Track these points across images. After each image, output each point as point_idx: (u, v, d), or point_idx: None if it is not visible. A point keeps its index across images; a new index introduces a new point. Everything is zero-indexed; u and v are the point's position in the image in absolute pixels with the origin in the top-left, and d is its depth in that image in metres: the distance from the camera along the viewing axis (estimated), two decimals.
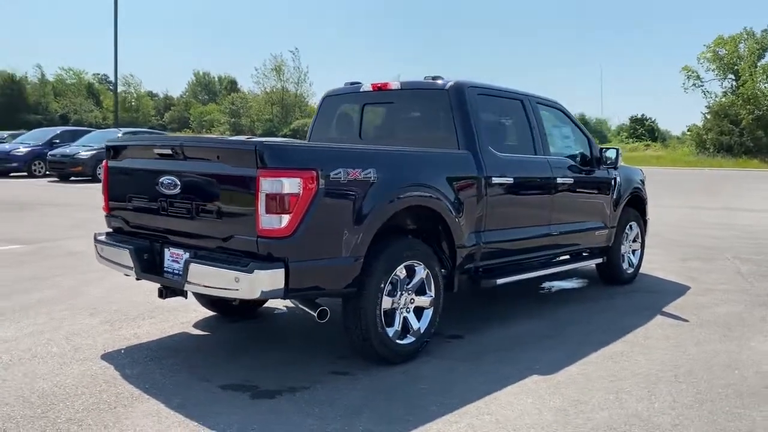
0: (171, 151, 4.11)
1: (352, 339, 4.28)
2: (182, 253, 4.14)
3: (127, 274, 4.50)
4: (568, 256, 6.44)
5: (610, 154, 6.41)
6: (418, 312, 4.54)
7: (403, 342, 4.40)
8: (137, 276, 4.35)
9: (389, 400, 3.79)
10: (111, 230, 4.80)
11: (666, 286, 7.05)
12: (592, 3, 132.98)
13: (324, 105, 6.10)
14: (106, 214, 4.81)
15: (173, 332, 5.04)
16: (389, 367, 4.30)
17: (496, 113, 5.64)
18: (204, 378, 4.07)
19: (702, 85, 53.49)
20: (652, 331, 5.30)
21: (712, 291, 6.80)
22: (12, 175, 22.57)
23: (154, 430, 3.33)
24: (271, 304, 5.71)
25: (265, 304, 5.68)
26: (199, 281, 3.89)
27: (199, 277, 3.88)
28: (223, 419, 3.47)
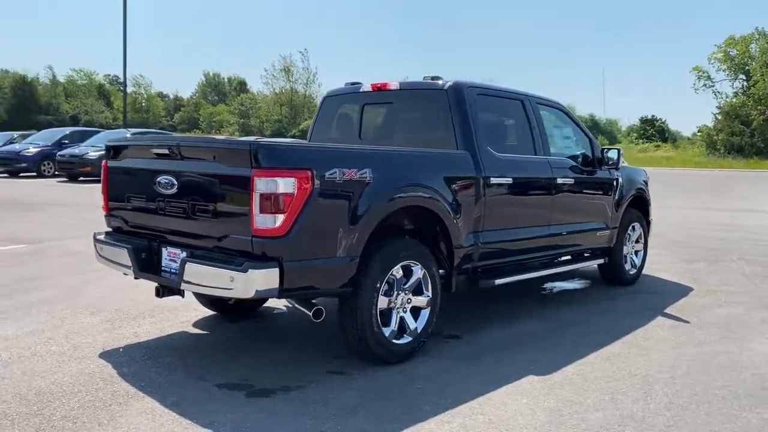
0: (168, 151, 4.14)
1: (348, 339, 4.29)
2: (179, 252, 4.16)
3: (125, 274, 4.53)
4: (569, 256, 6.42)
5: (612, 155, 6.38)
6: (415, 312, 4.53)
7: (399, 342, 4.40)
8: (135, 275, 4.38)
9: (384, 400, 3.79)
10: (110, 230, 4.83)
11: (668, 288, 7.00)
12: (598, 3, 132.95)
13: (324, 105, 6.11)
14: (105, 213, 4.84)
15: (172, 331, 5.06)
16: (385, 366, 4.30)
17: (496, 113, 5.63)
18: (200, 377, 4.09)
19: (713, 86, 53.19)
20: (651, 332, 5.27)
21: (715, 292, 6.75)
22: (22, 175, 22.78)
23: (147, 428, 3.35)
24: (271, 304, 5.73)
25: (265, 304, 5.70)
26: (195, 280, 3.91)
27: (195, 277, 3.90)
28: (218, 417, 3.49)
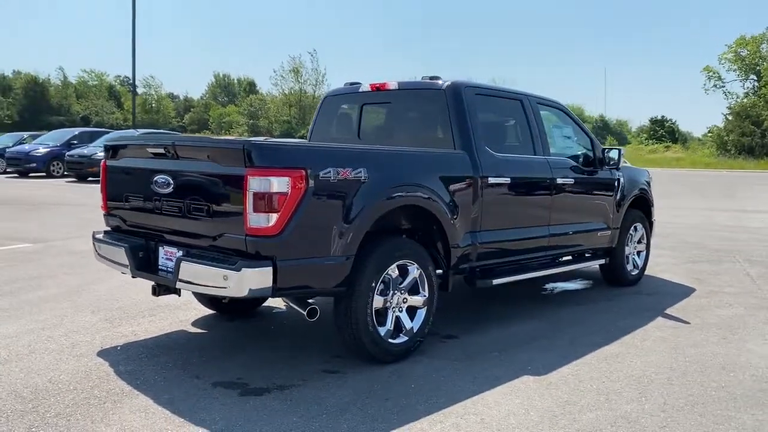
0: (164, 151, 4.16)
1: (344, 338, 4.30)
2: (176, 251, 4.18)
3: (123, 272, 4.56)
4: (570, 257, 6.40)
5: (613, 155, 6.36)
6: (412, 311, 4.53)
7: (395, 341, 4.41)
8: (132, 274, 4.40)
9: (377, 399, 3.79)
10: (109, 229, 4.86)
11: (671, 288, 6.96)
12: (607, 4, 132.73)
13: (324, 105, 6.12)
14: (104, 213, 4.87)
15: (171, 330, 5.09)
16: (381, 366, 4.31)
17: (495, 113, 5.63)
18: (195, 375, 4.11)
19: (723, 86, 52.87)
20: (650, 332, 5.25)
21: (718, 293, 6.71)
22: (31, 175, 22.95)
23: (139, 425, 3.37)
24: (270, 303, 5.75)
25: (265, 303, 5.72)
26: (191, 279, 3.93)
27: (190, 275, 3.91)
28: (210, 416, 3.50)
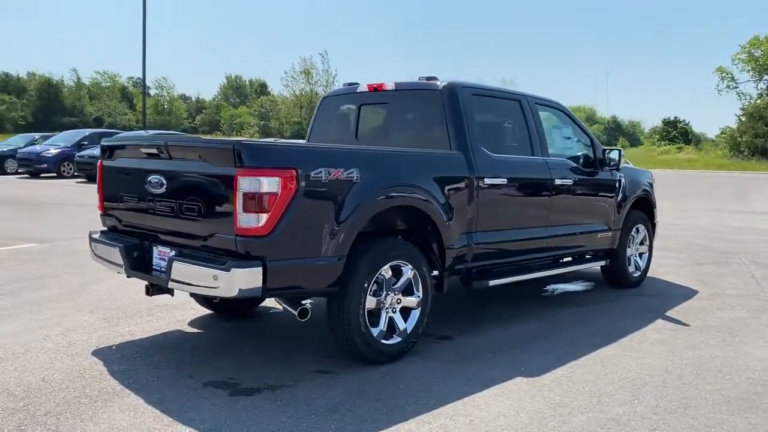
0: (157, 151, 4.18)
1: (337, 338, 4.30)
2: (169, 251, 4.20)
3: (119, 272, 4.58)
4: (570, 258, 6.36)
5: (613, 156, 6.31)
6: (405, 312, 4.52)
7: (388, 342, 4.40)
8: (127, 274, 4.42)
9: (367, 400, 3.79)
10: (106, 229, 4.89)
11: (673, 290, 6.90)
12: (617, 4, 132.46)
13: (322, 106, 6.13)
14: (101, 213, 4.90)
15: (167, 330, 5.11)
16: (374, 366, 4.30)
17: (492, 114, 5.60)
18: (188, 375, 4.12)
19: (736, 87, 52.26)
20: (649, 335, 5.20)
21: (721, 295, 6.65)
22: (42, 175, 23.15)
23: (128, 424, 3.38)
24: (268, 304, 5.75)
25: (262, 303, 5.73)
26: (182, 279, 3.94)
27: (182, 275, 3.93)
28: (199, 415, 3.51)
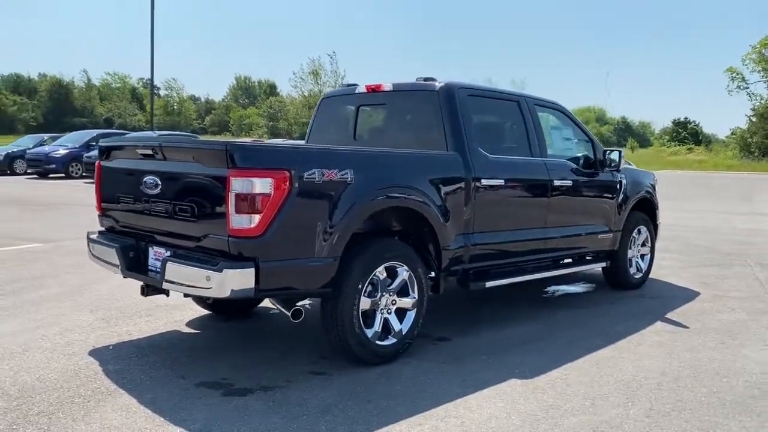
0: (152, 152, 4.20)
1: (331, 339, 4.29)
2: (164, 251, 4.21)
3: (115, 272, 4.59)
4: (570, 259, 6.33)
5: (614, 157, 6.28)
6: (401, 313, 4.52)
7: (383, 343, 4.39)
8: (123, 274, 4.43)
9: (359, 401, 3.78)
10: (103, 229, 4.92)
11: (675, 292, 6.86)
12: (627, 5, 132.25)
13: (321, 107, 6.13)
14: (99, 213, 4.93)
15: (165, 330, 5.12)
16: (368, 368, 4.30)
17: (490, 115, 5.59)
18: (182, 375, 4.13)
19: (747, 87, 51.72)
20: (647, 337, 5.17)
21: (723, 298, 6.60)
22: (51, 176, 23.29)
23: (119, 425, 3.39)
24: (268, 304, 5.75)
25: (262, 304, 5.73)
26: (176, 279, 3.95)
27: (175, 276, 3.94)
28: (190, 415, 3.52)
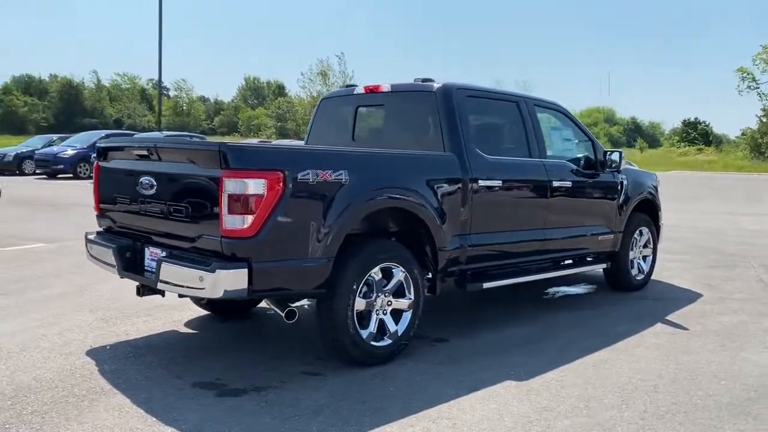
0: (147, 153, 4.22)
1: (325, 340, 4.30)
2: (160, 252, 4.23)
3: (113, 273, 4.61)
4: (570, 260, 6.30)
5: (614, 157, 6.25)
6: (397, 314, 4.51)
7: (378, 344, 4.39)
8: (120, 274, 4.45)
9: (353, 402, 3.78)
10: (101, 230, 4.94)
11: (677, 294, 6.82)
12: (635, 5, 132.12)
13: (321, 107, 6.14)
14: (96, 214, 4.95)
15: (163, 330, 5.14)
16: (363, 369, 4.29)
17: (488, 116, 5.58)
18: (177, 375, 4.15)
19: (758, 87, 51.31)
20: (646, 339, 5.14)
21: (725, 300, 6.55)
22: (59, 176, 23.43)
23: (112, 425, 3.41)
24: (265, 304, 5.75)
25: (261, 304, 5.73)
26: (170, 280, 3.97)
27: (170, 276, 3.95)
28: (183, 415, 3.53)
